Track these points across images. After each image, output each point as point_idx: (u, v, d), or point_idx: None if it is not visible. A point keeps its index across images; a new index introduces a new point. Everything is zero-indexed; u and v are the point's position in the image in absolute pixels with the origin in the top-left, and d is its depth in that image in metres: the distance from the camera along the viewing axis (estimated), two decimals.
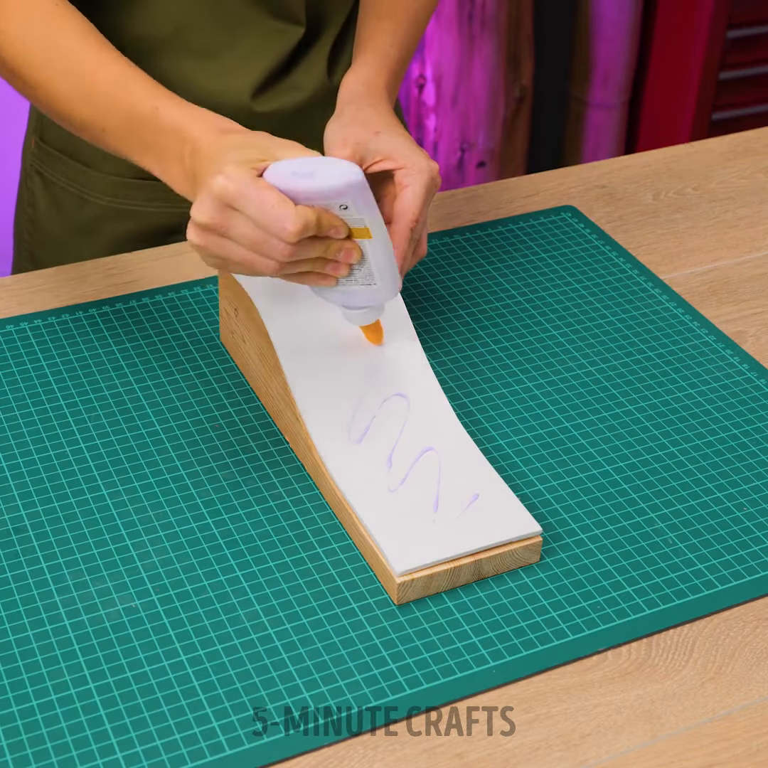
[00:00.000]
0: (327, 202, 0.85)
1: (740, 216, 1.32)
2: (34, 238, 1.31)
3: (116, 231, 1.24)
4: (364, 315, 0.96)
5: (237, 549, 0.90)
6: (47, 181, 1.26)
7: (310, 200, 0.85)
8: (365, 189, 0.85)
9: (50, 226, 1.28)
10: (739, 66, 2.70)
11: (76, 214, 1.25)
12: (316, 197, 0.85)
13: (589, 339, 1.12)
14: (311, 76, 1.20)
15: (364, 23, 1.14)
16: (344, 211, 0.86)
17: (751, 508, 0.96)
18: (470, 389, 1.06)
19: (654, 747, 0.79)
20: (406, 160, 0.99)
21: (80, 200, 1.24)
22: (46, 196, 1.27)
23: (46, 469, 0.96)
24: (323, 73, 1.20)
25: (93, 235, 1.25)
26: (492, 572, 0.89)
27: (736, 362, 1.10)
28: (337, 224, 0.87)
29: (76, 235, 1.26)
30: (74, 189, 1.24)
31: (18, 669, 0.81)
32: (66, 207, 1.25)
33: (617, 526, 0.93)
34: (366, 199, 0.86)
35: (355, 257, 0.89)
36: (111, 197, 1.22)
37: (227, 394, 1.04)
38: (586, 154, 2.74)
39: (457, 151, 2.60)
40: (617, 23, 2.60)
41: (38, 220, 1.29)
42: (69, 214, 1.25)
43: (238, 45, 1.16)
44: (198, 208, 0.86)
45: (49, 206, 1.27)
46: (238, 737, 0.78)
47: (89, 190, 1.23)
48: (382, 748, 0.78)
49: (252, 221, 0.84)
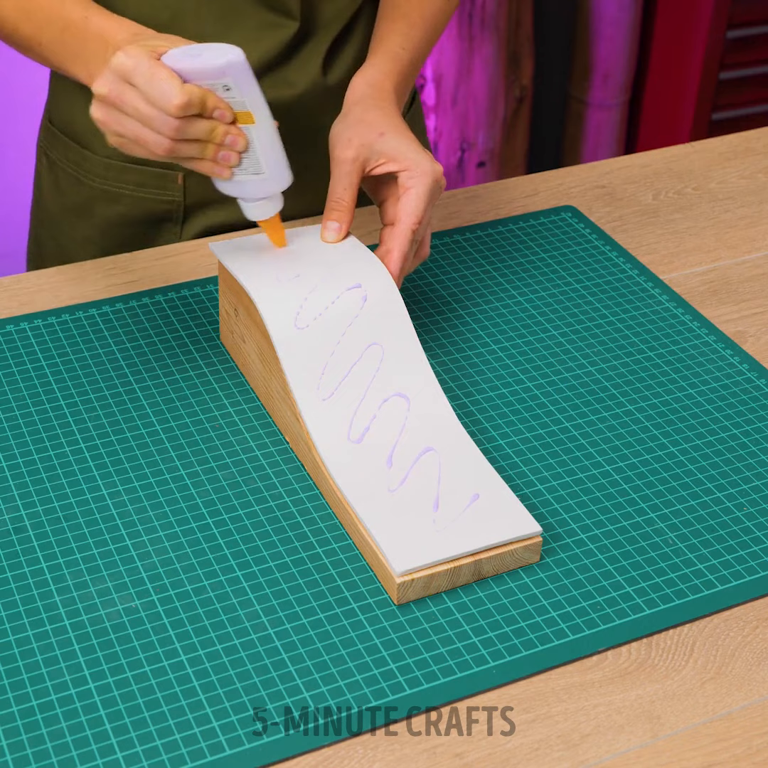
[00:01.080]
0: (211, 83, 0.92)
1: (740, 216, 1.32)
2: (37, 217, 1.33)
3: (107, 213, 1.25)
4: (260, 208, 0.99)
5: (237, 549, 0.90)
6: (51, 161, 1.28)
7: (197, 80, 0.91)
8: (246, 70, 0.92)
9: (50, 205, 1.29)
10: (739, 66, 2.70)
11: (72, 195, 1.26)
12: (200, 77, 0.91)
13: (589, 339, 1.12)
14: (304, 74, 1.20)
15: (379, 24, 1.14)
16: (227, 92, 0.92)
17: (751, 508, 0.96)
18: (470, 389, 1.06)
19: (654, 747, 0.79)
20: (410, 162, 0.99)
21: (77, 181, 1.25)
22: (50, 176, 1.29)
23: (46, 469, 0.96)
24: (317, 72, 1.20)
25: (86, 216, 1.26)
26: (492, 572, 0.89)
27: (736, 362, 1.10)
28: (222, 106, 0.92)
29: (71, 215, 1.27)
30: (72, 170, 1.25)
31: (18, 669, 0.81)
32: (64, 187, 1.27)
33: (617, 526, 0.93)
34: (248, 80, 0.92)
35: (241, 144, 0.94)
36: (103, 179, 1.23)
37: (227, 394, 1.04)
38: (586, 154, 2.74)
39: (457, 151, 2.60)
40: (617, 23, 2.60)
41: (41, 200, 1.31)
42: (66, 194, 1.27)
43: (232, 35, 1.16)
44: (98, 81, 0.93)
45: (51, 186, 1.29)
46: (238, 737, 0.78)
47: (85, 171, 1.24)
48: (382, 748, 0.78)
49: (143, 96, 0.91)
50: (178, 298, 1.14)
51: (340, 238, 1.02)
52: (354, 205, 1.01)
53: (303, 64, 1.20)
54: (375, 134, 1.00)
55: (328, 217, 1.01)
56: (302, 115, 1.20)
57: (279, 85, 1.18)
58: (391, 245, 1.00)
